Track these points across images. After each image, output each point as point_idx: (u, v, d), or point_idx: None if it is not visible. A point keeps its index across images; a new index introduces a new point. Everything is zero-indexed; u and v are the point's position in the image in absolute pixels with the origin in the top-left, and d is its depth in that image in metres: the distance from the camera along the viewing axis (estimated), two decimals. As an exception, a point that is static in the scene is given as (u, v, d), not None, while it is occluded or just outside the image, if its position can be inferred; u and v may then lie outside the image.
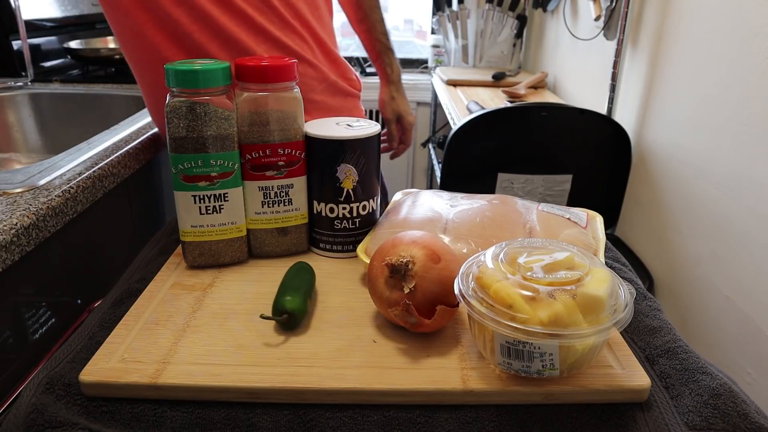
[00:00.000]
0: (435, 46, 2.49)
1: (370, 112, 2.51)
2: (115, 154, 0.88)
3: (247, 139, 0.59)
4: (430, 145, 2.44)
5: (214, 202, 0.59)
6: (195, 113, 0.55)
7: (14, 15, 1.30)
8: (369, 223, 0.64)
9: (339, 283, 0.59)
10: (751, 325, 0.99)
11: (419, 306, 0.46)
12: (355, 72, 1.02)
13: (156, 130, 1.02)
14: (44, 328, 0.74)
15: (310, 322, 0.51)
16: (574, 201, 1.40)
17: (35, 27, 1.47)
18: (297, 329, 0.50)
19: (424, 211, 0.62)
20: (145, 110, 1.12)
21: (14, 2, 1.29)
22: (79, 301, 0.80)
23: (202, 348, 0.47)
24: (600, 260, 0.50)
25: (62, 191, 0.73)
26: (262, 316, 0.49)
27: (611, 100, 1.48)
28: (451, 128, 1.56)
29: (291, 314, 0.49)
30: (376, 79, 2.56)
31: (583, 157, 1.40)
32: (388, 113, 1.14)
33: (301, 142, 0.61)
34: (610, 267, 0.62)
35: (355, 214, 0.63)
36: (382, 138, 1.12)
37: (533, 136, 1.38)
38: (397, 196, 0.71)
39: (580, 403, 0.43)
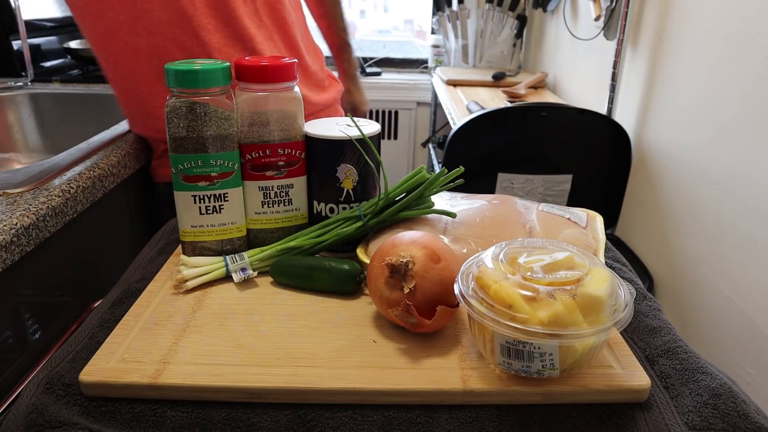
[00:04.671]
0: (435, 46, 2.49)
1: (369, 111, 2.51)
2: (115, 154, 0.88)
3: (247, 139, 0.59)
4: (430, 145, 2.44)
5: (214, 202, 0.59)
6: (195, 113, 0.55)
7: (14, 15, 1.30)
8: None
9: (339, 283, 0.58)
10: (751, 325, 0.99)
11: (419, 306, 0.46)
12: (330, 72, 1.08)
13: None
14: (44, 328, 0.74)
15: (310, 322, 0.51)
16: (574, 201, 1.40)
17: (35, 27, 1.47)
18: (298, 328, 0.50)
19: (424, 211, 0.62)
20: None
21: (14, 2, 1.29)
22: (79, 301, 0.80)
23: (202, 348, 0.47)
24: (600, 260, 0.50)
25: (62, 191, 0.73)
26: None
27: (611, 100, 1.48)
28: (451, 128, 1.56)
29: (359, 272, 0.55)
30: (376, 80, 2.56)
31: (583, 157, 1.40)
32: (344, 104, 1.23)
33: (301, 142, 0.61)
34: (610, 267, 0.62)
35: (355, 214, 0.63)
36: None
37: (533, 136, 1.38)
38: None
39: (580, 403, 0.43)
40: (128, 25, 0.84)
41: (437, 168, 2.11)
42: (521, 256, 0.45)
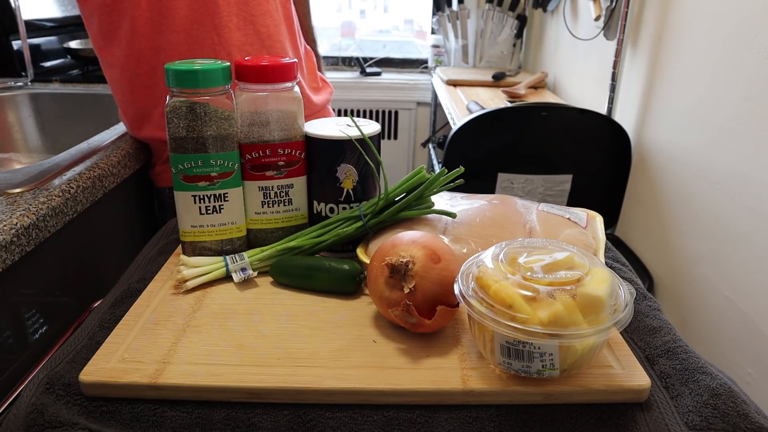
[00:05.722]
0: (435, 46, 2.49)
1: (369, 111, 2.51)
2: (115, 154, 0.88)
3: (247, 139, 0.59)
4: (430, 145, 2.44)
5: (214, 202, 0.59)
6: (195, 113, 0.55)
7: (14, 15, 1.30)
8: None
9: (339, 283, 0.58)
10: (751, 325, 0.99)
11: (419, 306, 0.46)
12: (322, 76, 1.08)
13: None
14: (44, 328, 0.74)
15: (310, 322, 0.51)
16: (574, 201, 1.40)
17: (35, 27, 1.47)
18: (298, 328, 0.50)
19: (424, 211, 0.61)
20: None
21: (14, 2, 1.29)
22: (79, 301, 0.80)
23: (202, 348, 0.47)
24: (600, 260, 0.50)
25: (62, 191, 0.73)
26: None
27: (611, 100, 1.48)
28: (451, 128, 1.56)
29: (359, 272, 0.55)
30: (376, 79, 2.58)
31: (583, 157, 1.40)
32: None
33: (301, 142, 0.61)
34: (610, 267, 0.62)
35: (355, 214, 0.62)
36: None
37: (533, 136, 1.38)
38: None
39: (580, 403, 0.43)
40: (152, 23, 0.85)
41: (437, 168, 2.11)
42: (521, 256, 0.45)
